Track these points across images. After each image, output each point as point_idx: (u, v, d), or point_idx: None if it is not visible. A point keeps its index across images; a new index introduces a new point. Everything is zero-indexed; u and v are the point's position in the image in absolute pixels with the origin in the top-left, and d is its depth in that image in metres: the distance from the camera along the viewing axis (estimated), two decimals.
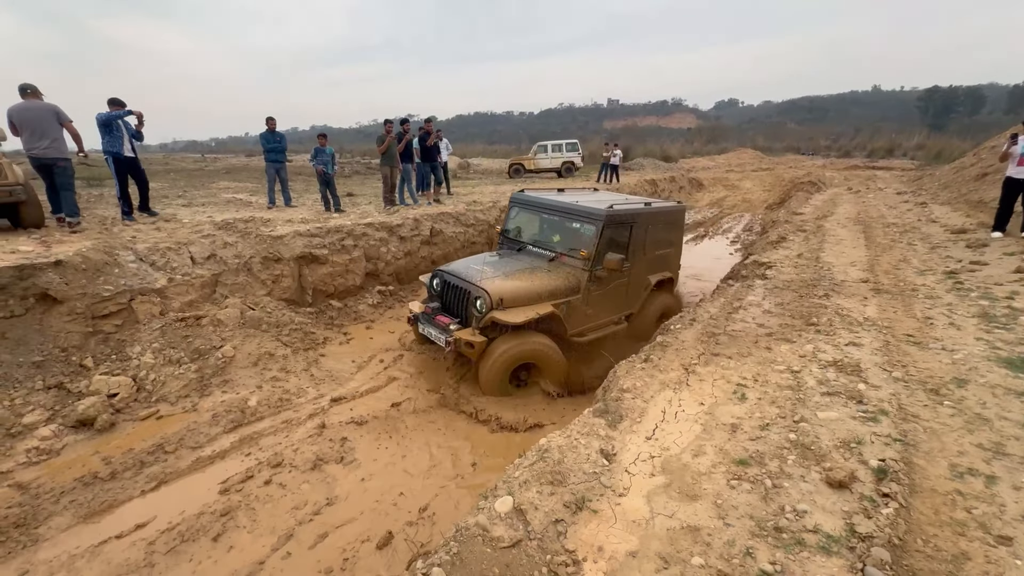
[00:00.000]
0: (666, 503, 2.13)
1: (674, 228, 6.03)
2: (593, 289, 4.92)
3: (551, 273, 4.81)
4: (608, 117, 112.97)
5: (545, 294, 4.61)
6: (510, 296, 4.40)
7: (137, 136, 6.41)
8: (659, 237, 5.67)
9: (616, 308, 5.42)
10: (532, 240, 5.49)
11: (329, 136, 9.27)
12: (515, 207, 5.82)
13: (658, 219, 5.59)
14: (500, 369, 4.34)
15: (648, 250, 5.53)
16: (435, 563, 1.69)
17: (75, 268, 4.57)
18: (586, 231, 4.95)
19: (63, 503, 3.17)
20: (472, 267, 4.86)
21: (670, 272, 6.06)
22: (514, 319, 4.22)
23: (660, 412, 2.89)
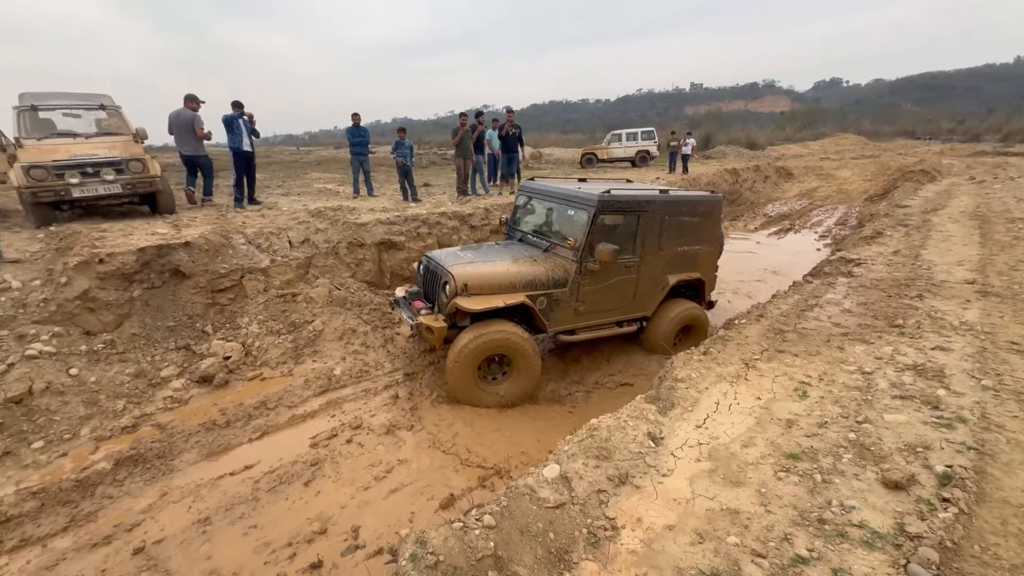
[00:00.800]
0: (708, 486, 2.21)
1: (707, 222, 5.15)
2: (584, 283, 4.48)
3: (535, 263, 4.49)
4: (690, 102, 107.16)
5: (520, 284, 4.29)
6: (476, 282, 4.16)
7: (254, 133, 7.36)
8: (682, 231, 4.96)
9: (619, 308, 4.86)
10: (532, 230, 5.15)
11: (408, 128, 9.85)
12: (522, 195, 5.51)
13: (680, 209, 4.87)
14: (465, 361, 4.07)
15: (666, 245, 4.87)
16: (487, 512, 1.93)
17: (199, 248, 5.37)
18: (578, 218, 4.51)
19: (191, 442, 3.83)
20: (455, 254, 4.70)
21: (700, 273, 5.25)
22: (473, 306, 4.01)
23: (713, 403, 2.92)
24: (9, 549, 2.87)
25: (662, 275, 4.98)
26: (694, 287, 5.37)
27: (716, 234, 5.32)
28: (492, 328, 4.12)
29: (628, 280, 4.75)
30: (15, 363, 3.93)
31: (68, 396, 3.96)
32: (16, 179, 5.61)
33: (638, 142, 19.25)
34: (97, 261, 4.74)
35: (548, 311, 4.42)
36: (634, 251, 4.66)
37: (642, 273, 4.78)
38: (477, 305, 4.03)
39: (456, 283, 4.11)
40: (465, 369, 4.10)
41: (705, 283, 5.37)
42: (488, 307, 4.04)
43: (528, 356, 4.25)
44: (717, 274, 5.64)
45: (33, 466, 3.45)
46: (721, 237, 5.57)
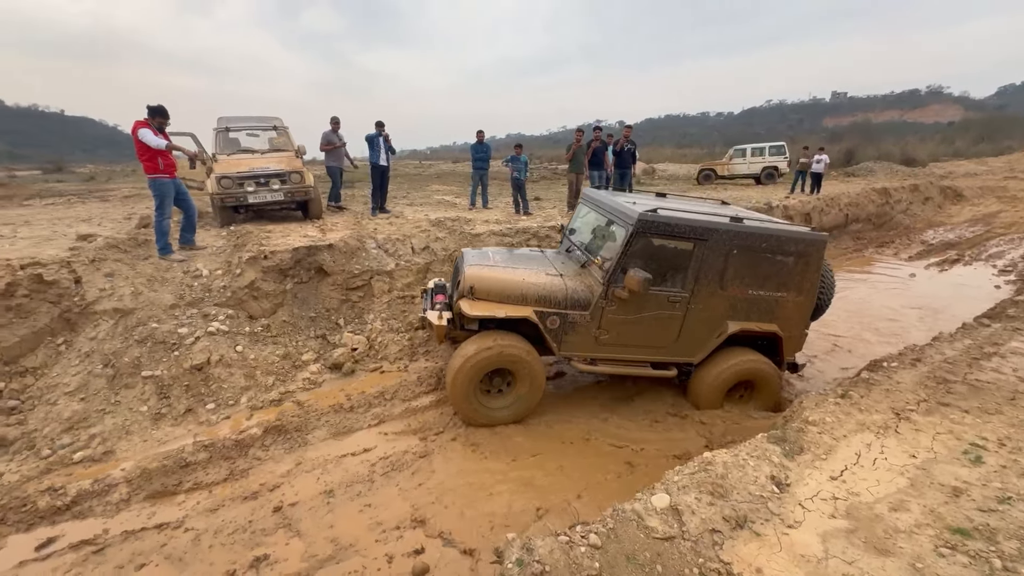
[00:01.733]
0: (845, 548, 1.94)
1: (799, 265, 4.07)
2: (610, 311, 3.94)
3: (558, 277, 4.13)
4: (830, 113, 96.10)
5: (532, 296, 3.95)
6: (483, 286, 3.96)
7: (391, 150, 8.23)
8: (759, 271, 4.02)
9: (656, 347, 4.17)
10: (581, 242, 4.76)
11: (523, 144, 10.20)
12: (582, 205, 5.12)
13: (757, 244, 3.94)
14: (467, 372, 3.86)
15: (731, 284, 4.00)
16: (593, 531, 1.91)
17: (339, 250, 6.09)
18: (616, 235, 4.03)
19: (322, 421, 4.33)
20: (486, 253, 4.56)
21: (778, 327, 4.19)
22: (471, 310, 3.84)
23: (853, 454, 2.57)
24: (186, 489, 3.49)
25: (721, 319, 4.11)
26: (769, 341, 4.32)
27: (811, 282, 4.18)
28: (501, 341, 3.88)
29: (671, 317, 4.03)
30: (200, 337, 4.79)
31: (234, 369, 4.71)
32: (210, 187, 6.89)
33: (765, 157, 17.74)
34: (263, 257, 5.61)
35: (561, 332, 4.01)
36: (684, 285, 3.95)
37: (692, 312, 4.02)
38: (475, 310, 3.87)
39: (464, 284, 3.99)
40: (467, 381, 3.90)
41: (783, 339, 4.24)
42: (484, 315, 3.86)
43: (534, 377, 3.97)
44: (808, 332, 4.48)
45: (206, 424, 4.16)
46: (829, 283, 4.57)
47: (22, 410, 4.04)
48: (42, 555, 2.93)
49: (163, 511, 3.30)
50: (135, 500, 3.38)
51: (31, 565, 2.87)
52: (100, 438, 3.89)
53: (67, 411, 4.03)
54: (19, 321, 4.35)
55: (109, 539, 3.05)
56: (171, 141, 5.61)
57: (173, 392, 4.35)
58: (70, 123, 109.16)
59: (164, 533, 3.10)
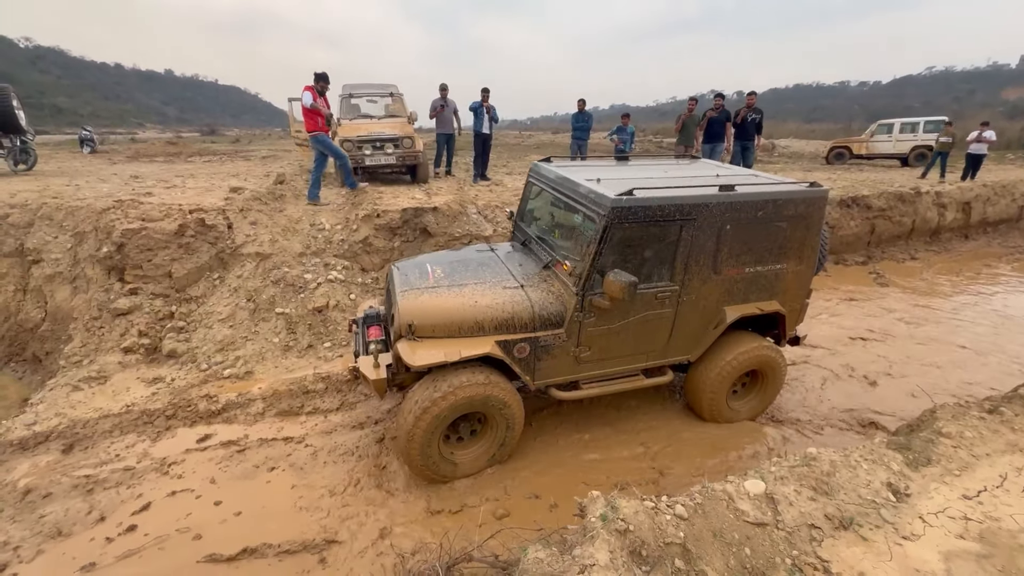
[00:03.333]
0: (974, 573, 1.73)
1: (797, 230, 3.44)
2: (591, 323, 3.15)
3: (520, 291, 3.21)
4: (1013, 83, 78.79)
5: (489, 324, 3.06)
6: (426, 321, 3.03)
7: (494, 119, 8.39)
8: (756, 243, 3.36)
9: (647, 352, 3.48)
10: (538, 234, 3.80)
11: (630, 116, 9.76)
12: (534, 182, 4.05)
13: (751, 213, 3.22)
14: (422, 432, 2.95)
15: (726, 265, 3.33)
16: (679, 503, 1.90)
17: (443, 213, 6.40)
18: (585, 229, 3.18)
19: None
20: (422, 267, 3.54)
21: (780, 304, 3.64)
22: (415, 359, 2.89)
23: (997, 476, 2.24)
24: (307, 412, 4.02)
25: (717, 307, 3.48)
26: (770, 320, 3.74)
27: (812, 247, 3.56)
28: (460, 380, 2.96)
29: (661, 316, 3.33)
30: (320, 283, 5.39)
31: (347, 314, 5.25)
32: None
33: (918, 135, 15.06)
34: (376, 216, 6.10)
35: (534, 360, 3.18)
36: (672, 276, 3.24)
37: (684, 305, 3.35)
38: (419, 358, 2.90)
39: (400, 320, 3.04)
40: (426, 441, 2.99)
41: (786, 316, 3.71)
42: (432, 363, 2.90)
43: (511, 416, 3.18)
44: (809, 301, 3.89)
45: (323, 359, 4.72)
46: (824, 247, 3.85)
47: (187, 330, 4.89)
48: (201, 447, 3.60)
49: (289, 427, 3.85)
50: (268, 415, 3.98)
51: (194, 453, 3.54)
52: (243, 360, 4.59)
53: (220, 335, 4.80)
54: (187, 257, 5.22)
55: (248, 443, 3.64)
56: (327, 104, 6.60)
57: (299, 329, 4.97)
58: (222, 92, 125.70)
59: (289, 445, 3.63)
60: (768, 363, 3.73)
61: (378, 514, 3.03)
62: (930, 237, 9.78)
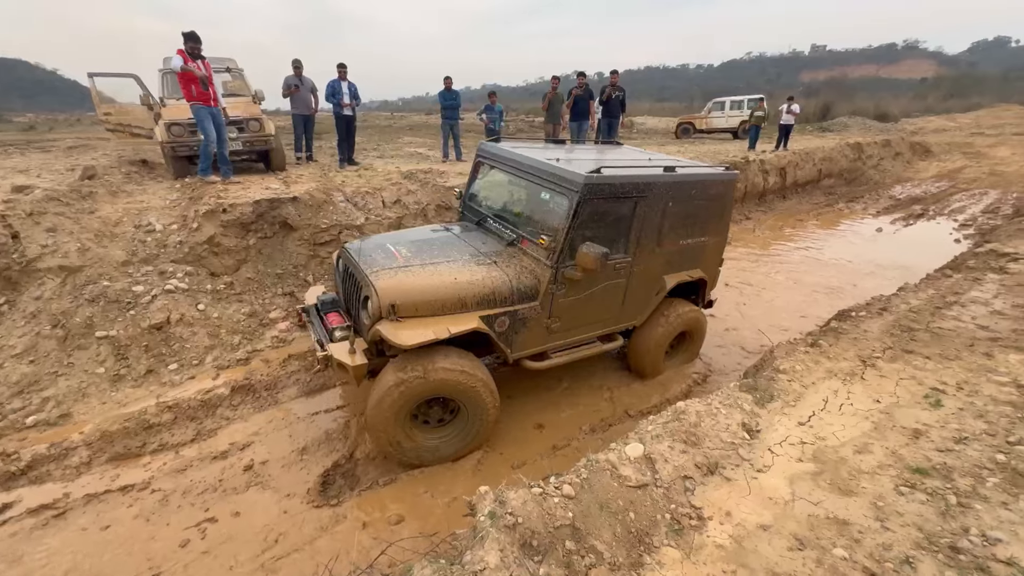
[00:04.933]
0: (812, 490, 2.00)
1: (717, 207, 4.01)
2: (562, 295, 3.33)
3: (495, 267, 3.31)
4: (809, 67, 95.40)
5: (472, 300, 3.12)
6: (408, 300, 3.01)
7: (356, 98, 7.74)
8: (689, 219, 3.82)
9: (604, 320, 3.79)
10: (495, 212, 3.93)
11: (497, 94, 9.74)
12: (483, 163, 4.21)
13: (686, 192, 3.69)
14: (391, 409, 2.93)
15: (667, 238, 3.74)
16: (567, 482, 1.90)
17: (305, 204, 5.77)
18: (555, 206, 3.34)
19: (292, 379, 4.22)
20: (385, 247, 3.46)
21: (703, 272, 4.16)
22: (403, 339, 2.82)
23: (821, 400, 2.63)
24: (151, 451, 3.37)
25: (659, 276, 3.88)
26: (693, 286, 4.26)
27: (726, 222, 4.18)
28: (433, 363, 2.94)
29: (616, 286, 3.60)
30: (157, 295, 4.54)
31: (196, 328, 4.50)
32: (160, 135, 6.36)
33: (743, 111, 17.53)
34: (221, 211, 5.28)
35: (511, 333, 3.28)
36: (627, 248, 3.53)
37: (635, 276, 3.66)
38: (410, 338, 2.84)
39: (380, 301, 2.96)
40: (392, 420, 2.97)
41: (708, 283, 4.30)
42: (426, 341, 2.86)
43: (483, 401, 3.15)
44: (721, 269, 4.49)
45: (169, 384, 4.00)
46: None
47: None
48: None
49: (128, 473, 3.20)
50: (97, 463, 3.25)
51: None
52: (54, 401, 3.70)
53: (15, 374, 3.80)
54: None
55: (71, 503, 2.94)
56: (206, 67, 5.65)
57: (132, 353, 4.14)
58: (4, 67, 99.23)
59: (129, 495, 3.01)
60: (695, 324, 4.26)
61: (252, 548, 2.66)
62: (759, 199, 11.41)
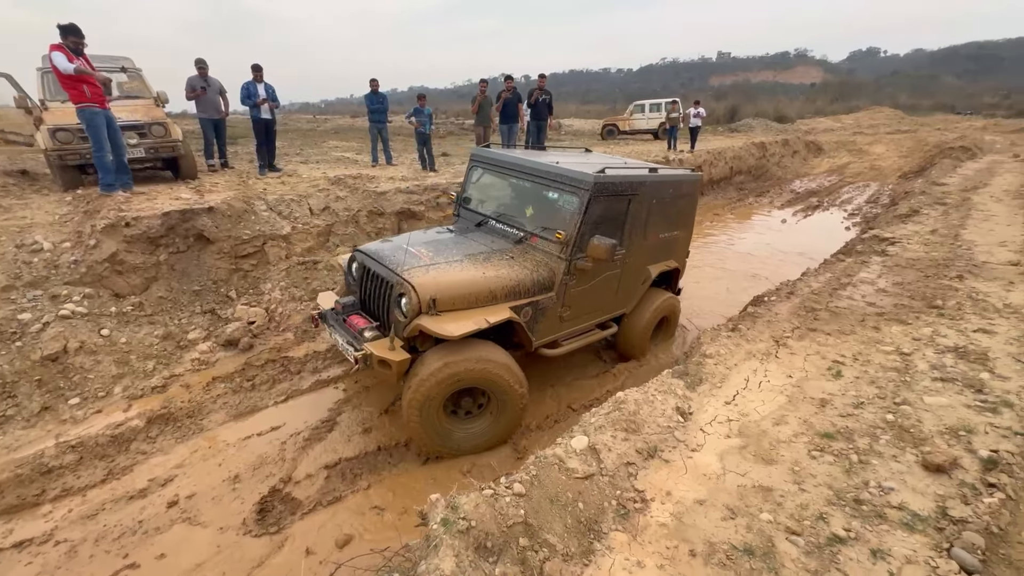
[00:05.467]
0: (739, 463, 2.17)
1: (686, 204, 4.57)
2: (572, 285, 3.63)
3: (514, 261, 3.54)
4: (716, 72, 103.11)
5: (501, 292, 3.32)
6: (447, 294, 3.14)
7: (275, 100, 7.32)
8: (666, 215, 4.29)
9: (603, 308, 4.14)
10: (496, 213, 4.15)
11: (426, 96, 9.63)
12: (477, 167, 4.45)
13: (666, 191, 4.18)
14: (432, 397, 3.04)
15: (650, 232, 4.18)
16: (517, 480, 1.93)
17: (222, 214, 5.38)
18: (566, 204, 3.64)
19: (219, 404, 3.92)
20: (406, 249, 3.57)
21: (676, 262, 4.72)
22: (451, 330, 2.96)
23: (743, 380, 2.86)
24: (52, 498, 3.00)
25: (644, 267, 4.30)
26: (668, 275, 4.74)
27: (692, 217, 4.74)
28: (466, 355, 3.07)
29: (614, 276, 3.96)
30: (50, 322, 4.03)
31: (100, 355, 4.06)
32: (43, 142, 5.65)
33: (662, 113, 18.59)
34: (124, 225, 4.79)
35: (532, 323, 3.50)
36: (622, 241, 3.86)
37: (627, 266, 4.04)
38: (456, 329, 2.97)
39: (420, 297, 3.07)
40: (428, 410, 3.07)
41: (680, 272, 4.88)
42: (471, 331, 3.01)
43: (512, 389, 3.24)
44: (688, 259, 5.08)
45: (71, 421, 3.57)
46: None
47: None
48: None
49: (23, 527, 2.82)
50: None
51: None
52: None
53: None
54: None
55: None
56: (89, 63, 5.05)
57: (20, 390, 3.65)
58: None
59: (28, 551, 2.66)
60: (672, 309, 4.78)
61: None
62: None
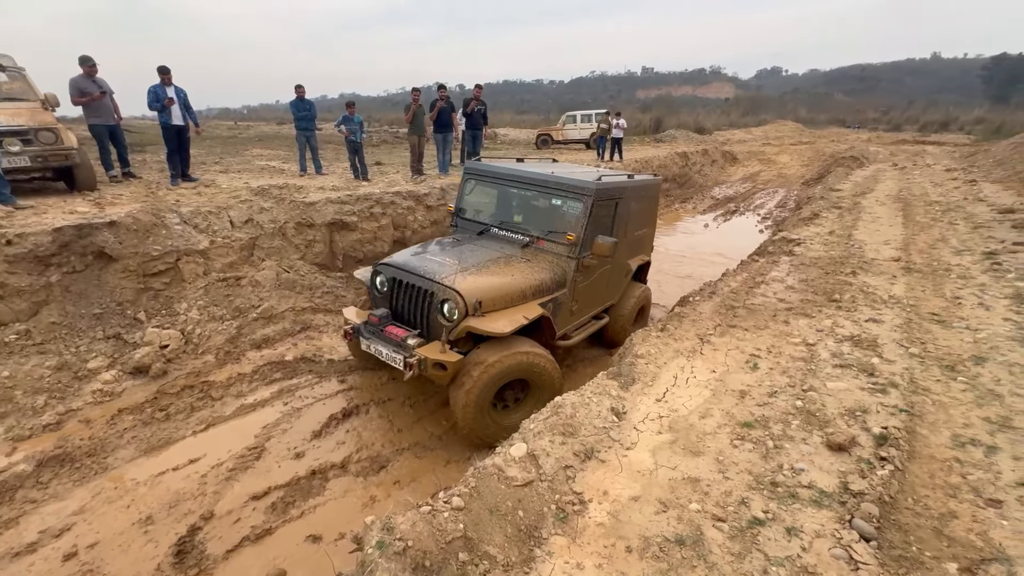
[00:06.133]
0: (670, 457, 2.28)
1: (651, 205, 5.34)
2: (580, 281, 4.07)
3: (531, 263, 3.91)
4: (642, 86, 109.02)
5: (529, 291, 3.68)
6: (489, 296, 3.42)
7: (187, 107, 6.80)
8: (639, 215, 4.92)
9: (600, 300, 4.66)
10: (497, 221, 4.46)
11: (358, 104, 9.38)
12: (471, 180, 4.72)
13: (640, 193, 4.83)
14: (483, 392, 3.27)
15: (630, 230, 4.76)
16: (455, 494, 1.89)
17: (127, 228, 4.90)
18: (571, 209, 4.04)
19: (126, 438, 3.54)
20: (431, 259, 3.81)
21: (646, 256, 5.40)
22: (500, 328, 3.25)
23: (672, 377, 3.01)
24: None
25: (626, 260, 4.90)
26: (641, 269, 5.33)
27: (656, 216, 5.46)
28: (514, 349, 3.37)
29: (606, 271, 4.51)
30: None
31: None
32: None
33: (593, 123, 19.32)
34: (4, 243, 4.23)
35: (553, 317, 3.87)
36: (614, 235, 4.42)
37: (615, 261, 4.56)
38: (504, 326, 3.28)
39: (467, 301, 3.32)
40: (481, 403, 3.31)
41: (649, 264, 5.56)
42: (516, 327, 3.33)
43: (552, 378, 3.54)
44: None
45: None
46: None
47: None
48: None
49: None
50: None
51: None
52: None
53: None
54: None
55: None
56: None
57: None
58: None
59: None
60: (648, 299, 5.43)
61: None
62: None
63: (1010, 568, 1.64)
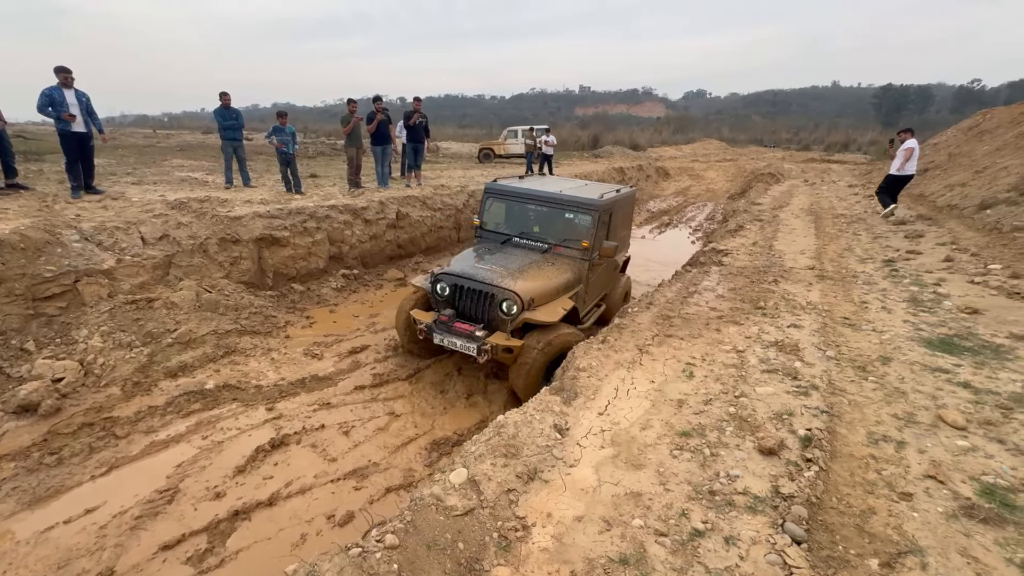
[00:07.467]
0: (613, 472, 2.26)
1: (628, 211, 6.50)
2: (591, 277, 5.12)
3: (556, 266, 4.84)
4: (579, 104, 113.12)
5: (561, 288, 4.67)
6: (537, 294, 4.37)
7: (91, 113, 6.15)
8: (624, 220, 6.10)
9: (601, 290, 5.82)
10: (518, 232, 5.35)
11: (292, 115, 8.97)
12: (490, 198, 5.55)
13: (624, 203, 5.96)
14: (539, 367, 4.13)
15: (619, 233, 5.81)
16: (389, 531, 1.76)
17: (12, 247, 4.32)
18: (582, 221, 5.03)
19: (5, 490, 3.06)
20: (480, 267, 4.62)
21: (627, 252, 6.58)
22: (549, 317, 4.24)
23: (613, 390, 3.03)
24: None
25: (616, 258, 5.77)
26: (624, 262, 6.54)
27: (632, 219, 6.76)
28: (559, 332, 4.26)
29: (605, 266, 5.51)
30: None
31: None
32: None
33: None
34: None
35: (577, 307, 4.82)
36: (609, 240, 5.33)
37: (609, 259, 5.39)
38: (553, 316, 4.25)
39: (523, 300, 4.20)
40: (538, 374, 4.11)
41: (629, 259, 6.74)
42: (560, 317, 4.29)
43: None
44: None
45: None
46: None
47: None
48: None
49: None
50: None
51: None
52: None
53: None
54: None
55: None
56: None
57: None
58: None
59: None
60: (630, 287, 6.70)
61: None
62: None
63: (923, 559, 1.75)
